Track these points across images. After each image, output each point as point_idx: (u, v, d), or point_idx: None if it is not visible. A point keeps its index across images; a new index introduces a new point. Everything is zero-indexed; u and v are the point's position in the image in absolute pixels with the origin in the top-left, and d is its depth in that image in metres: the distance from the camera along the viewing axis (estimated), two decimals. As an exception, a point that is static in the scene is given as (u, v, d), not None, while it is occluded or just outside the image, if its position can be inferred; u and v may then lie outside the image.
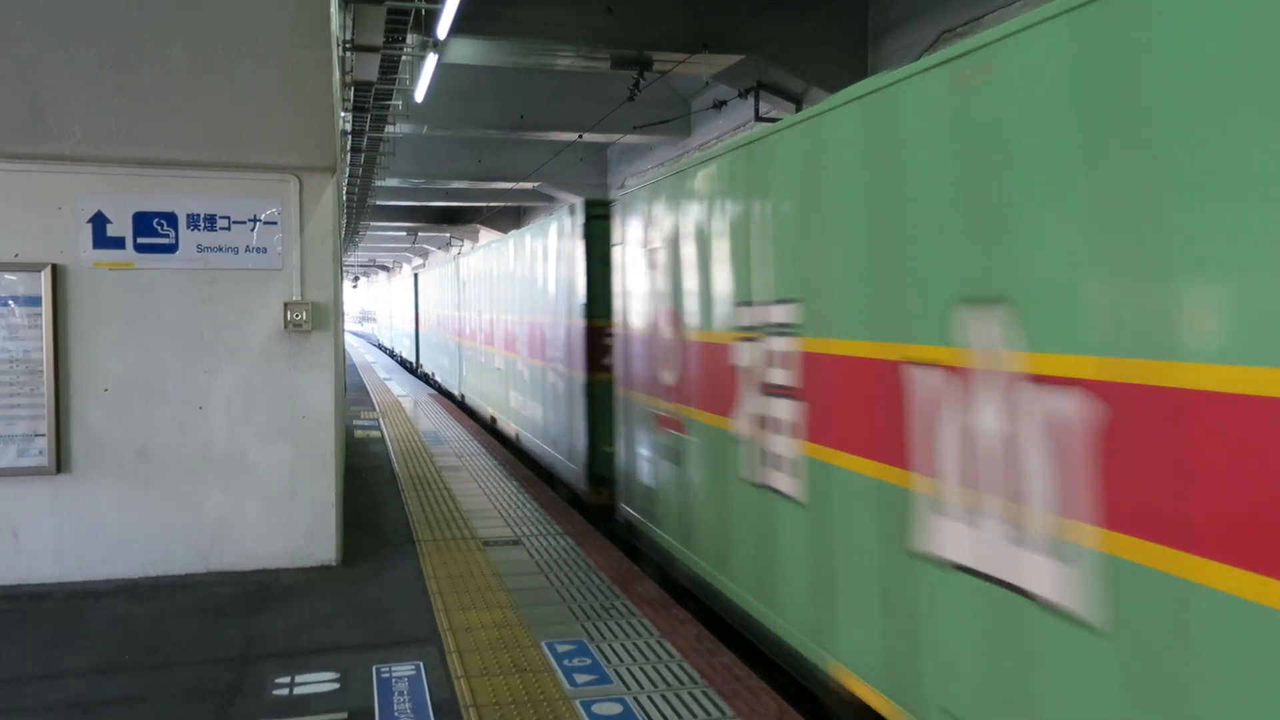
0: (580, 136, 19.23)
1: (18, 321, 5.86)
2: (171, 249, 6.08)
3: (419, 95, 13.27)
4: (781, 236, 4.59)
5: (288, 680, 4.40)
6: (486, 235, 34.04)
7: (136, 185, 6.01)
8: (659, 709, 4.08)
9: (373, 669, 4.51)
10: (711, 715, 4.03)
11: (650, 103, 17.54)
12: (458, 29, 11.59)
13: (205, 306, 6.13)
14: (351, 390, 19.46)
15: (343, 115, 10.25)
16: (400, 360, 31.36)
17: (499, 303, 12.72)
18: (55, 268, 5.88)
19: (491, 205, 31.81)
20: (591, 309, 8.28)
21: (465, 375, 16.65)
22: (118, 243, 6.00)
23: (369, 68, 10.49)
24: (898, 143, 3.62)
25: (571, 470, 8.89)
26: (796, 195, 4.47)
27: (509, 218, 34.39)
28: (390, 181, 23.58)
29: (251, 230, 6.18)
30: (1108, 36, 2.62)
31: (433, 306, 21.95)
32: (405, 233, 40.90)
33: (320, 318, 6.29)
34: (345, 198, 17.39)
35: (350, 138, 13.68)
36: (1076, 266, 2.74)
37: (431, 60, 11.69)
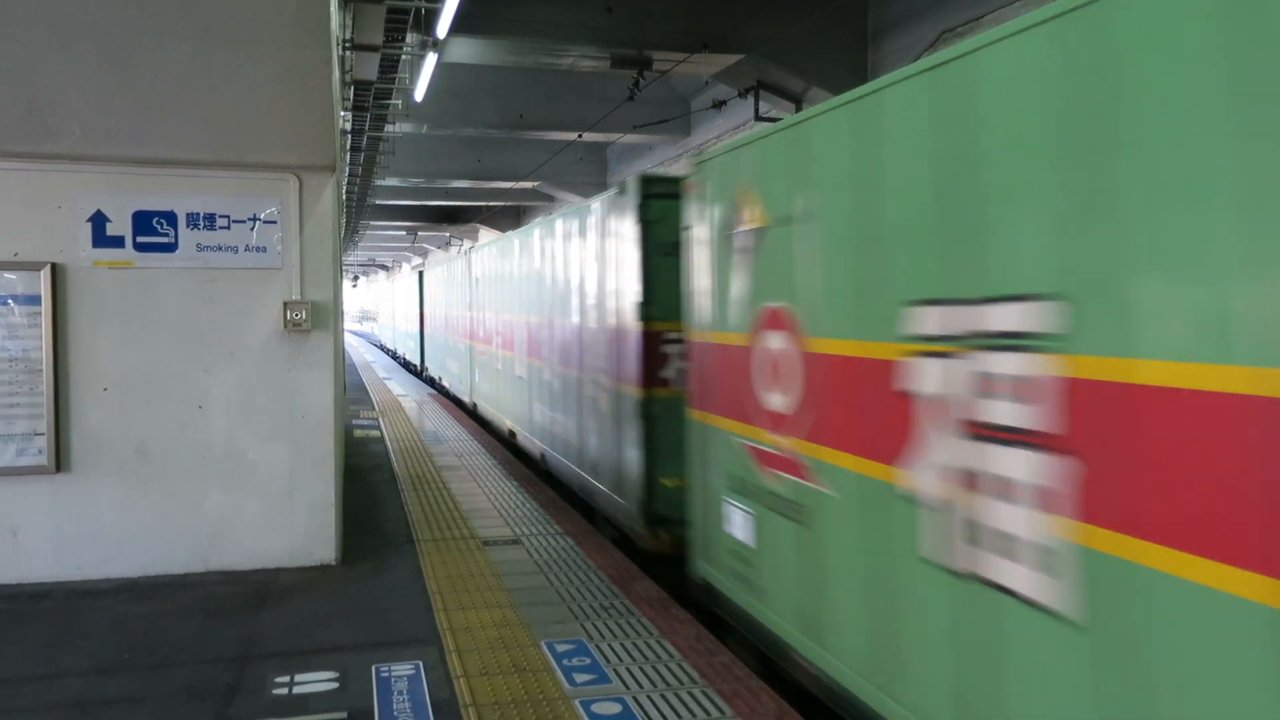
0: (580, 136, 19.25)
1: (17, 320, 5.85)
2: (171, 248, 6.08)
3: (419, 94, 13.28)
4: (1024, 193, 3.01)
5: (287, 680, 4.40)
6: (486, 234, 34.07)
7: (136, 184, 6.01)
8: (658, 708, 4.08)
9: (372, 668, 4.51)
10: (711, 715, 4.03)
11: (650, 102, 17.56)
12: (457, 28, 11.61)
13: (205, 306, 6.13)
14: (351, 390, 19.46)
15: (342, 114, 10.24)
16: (404, 363, 30.15)
17: (521, 302, 11.24)
18: (55, 267, 5.88)
19: (491, 205, 31.84)
20: (649, 309, 6.87)
21: (477, 382, 14.99)
22: (117, 242, 6.00)
23: (369, 67, 10.50)
24: None
25: (620, 506, 7.38)
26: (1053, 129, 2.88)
27: (509, 217, 34.43)
28: (390, 181, 23.62)
29: (251, 229, 6.18)
30: None
31: (440, 306, 20.52)
32: (405, 232, 40.96)
33: (320, 317, 6.29)
34: (345, 197, 17.39)
35: (350, 137, 13.69)
36: None
37: (431, 59, 11.70)
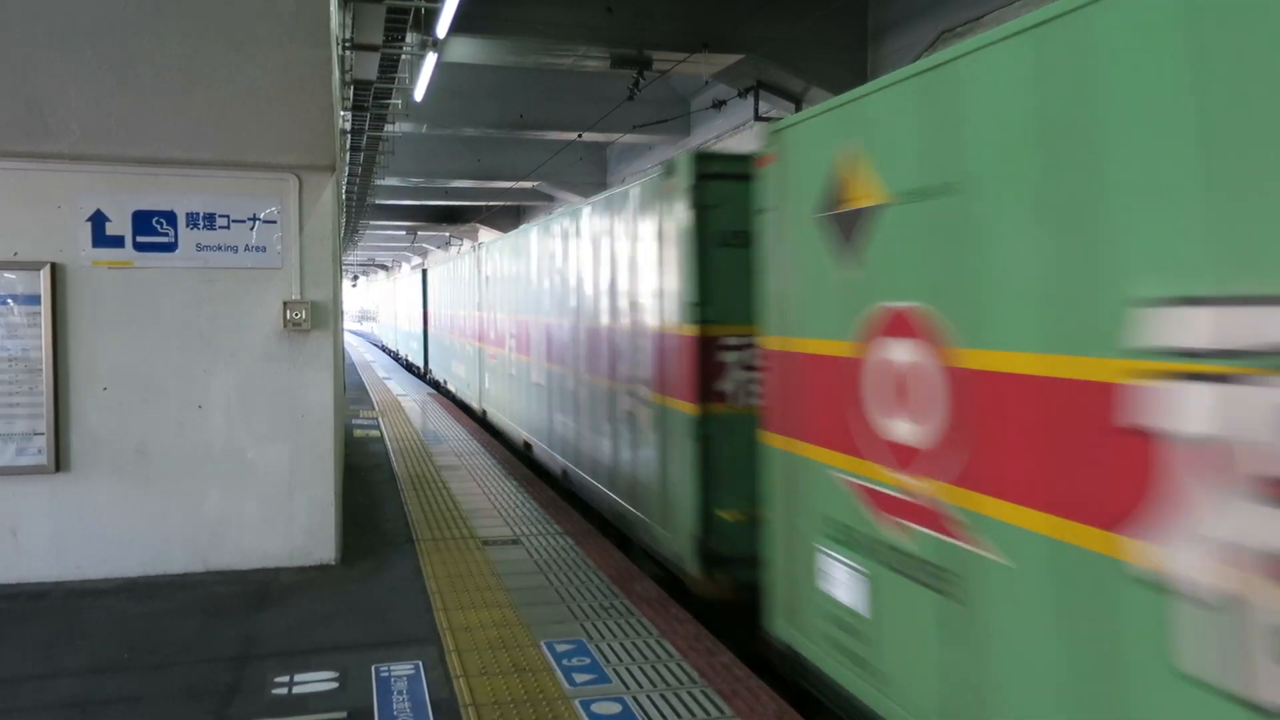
0: (580, 136, 19.25)
1: (17, 320, 5.85)
2: (171, 248, 6.07)
3: (418, 94, 13.27)
4: None
5: (287, 679, 4.40)
6: (485, 234, 34.07)
7: (135, 184, 6.01)
8: (658, 708, 4.08)
9: (372, 668, 4.51)
10: (710, 714, 4.03)
11: (650, 102, 17.55)
12: (457, 28, 11.61)
13: (204, 305, 6.13)
14: (351, 389, 19.46)
15: (342, 114, 10.24)
16: (406, 365, 29.50)
17: (539, 302, 10.33)
18: (54, 266, 5.88)
19: (491, 205, 31.84)
20: (703, 310, 5.94)
21: (488, 388, 13.92)
22: (117, 241, 6.00)
23: (368, 66, 10.49)
24: None
25: (666, 540, 6.40)
26: None
27: (508, 217, 34.43)
28: (390, 180, 23.63)
29: (251, 229, 6.18)
30: None
31: (446, 306, 19.73)
32: (404, 232, 40.97)
33: (319, 317, 6.29)
34: (345, 197, 17.40)
35: (350, 136, 13.69)
36: None
37: (431, 59, 11.69)
